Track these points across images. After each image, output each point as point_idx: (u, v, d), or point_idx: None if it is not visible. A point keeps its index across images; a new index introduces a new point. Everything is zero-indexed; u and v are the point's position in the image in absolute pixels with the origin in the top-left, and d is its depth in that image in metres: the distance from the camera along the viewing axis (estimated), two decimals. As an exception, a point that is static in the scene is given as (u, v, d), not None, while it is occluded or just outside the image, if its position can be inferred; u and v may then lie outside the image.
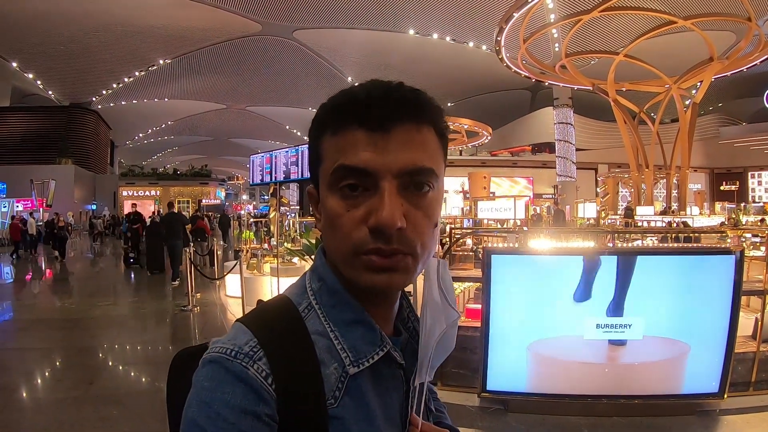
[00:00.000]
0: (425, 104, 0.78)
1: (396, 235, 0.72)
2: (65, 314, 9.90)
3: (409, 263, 0.76)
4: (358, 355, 0.79)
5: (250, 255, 11.51)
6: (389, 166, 0.73)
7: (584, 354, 4.50)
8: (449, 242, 6.62)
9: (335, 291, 0.82)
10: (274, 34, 31.96)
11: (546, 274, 4.63)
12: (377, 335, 0.81)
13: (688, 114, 18.94)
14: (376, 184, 0.73)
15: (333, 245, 0.79)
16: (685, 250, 5.34)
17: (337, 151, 0.75)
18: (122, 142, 54.95)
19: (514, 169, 35.93)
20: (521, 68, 20.90)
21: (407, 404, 0.86)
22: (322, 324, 0.80)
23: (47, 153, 36.47)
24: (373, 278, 0.75)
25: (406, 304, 0.94)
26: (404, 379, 0.86)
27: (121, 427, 4.77)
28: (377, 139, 0.73)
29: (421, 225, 0.76)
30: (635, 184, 22.16)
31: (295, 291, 0.86)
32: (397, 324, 0.91)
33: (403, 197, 0.74)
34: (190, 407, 0.70)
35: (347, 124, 0.75)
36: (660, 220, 15.24)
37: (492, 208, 12.12)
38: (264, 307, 0.84)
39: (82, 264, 20.16)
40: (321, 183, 0.80)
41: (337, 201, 0.76)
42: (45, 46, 31.15)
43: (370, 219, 0.72)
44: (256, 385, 0.70)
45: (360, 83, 0.79)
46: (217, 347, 0.75)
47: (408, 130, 0.75)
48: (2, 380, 5.95)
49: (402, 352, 0.86)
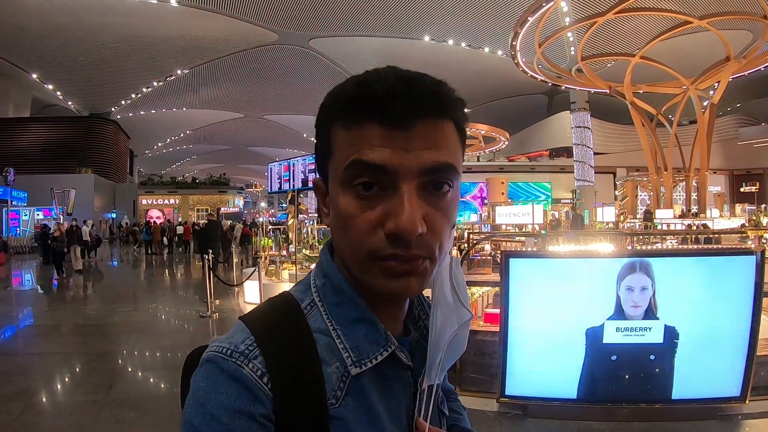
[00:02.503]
0: (447, 97, 0.73)
1: (415, 240, 0.69)
2: (87, 320, 9.99)
3: (427, 267, 0.73)
4: (360, 355, 0.76)
5: (268, 262, 11.58)
6: (409, 165, 0.69)
7: (604, 357, 4.47)
8: (467, 247, 6.62)
9: (340, 288, 0.79)
10: (291, 43, 32.12)
11: (565, 277, 4.61)
12: (381, 335, 0.78)
13: (706, 115, 18.74)
14: (395, 184, 0.69)
15: (345, 246, 0.75)
16: (704, 251, 5.27)
17: (351, 145, 0.70)
18: (141, 151, 55.49)
19: (532, 174, 35.76)
20: (537, 72, 20.82)
21: (415, 407, 0.82)
22: (325, 322, 0.78)
23: (67, 162, 36.90)
24: (390, 283, 0.72)
25: (417, 302, 0.92)
26: (412, 380, 0.83)
27: (138, 430, 4.81)
28: (396, 136, 0.68)
29: (441, 227, 0.72)
30: (654, 187, 21.96)
31: (299, 288, 0.85)
32: (407, 323, 0.88)
33: (422, 198, 0.70)
34: (187, 408, 0.70)
35: (363, 118, 0.70)
36: (680, 223, 15.10)
37: (510, 213, 12.09)
38: (266, 304, 0.82)
39: (105, 271, 20.18)
40: (331, 177, 0.76)
41: (351, 200, 0.71)
42: (64, 58, 31.65)
43: (388, 223, 0.68)
44: (250, 384, 0.69)
45: (373, 71, 0.74)
46: (215, 346, 0.73)
47: (429, 126, 0.70)
48: (30, 383, 6.04)
49: (410, 353, 0.83)
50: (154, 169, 64.56)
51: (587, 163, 31.00)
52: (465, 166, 24.82)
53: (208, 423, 0.66)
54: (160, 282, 16.59)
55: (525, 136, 41.15)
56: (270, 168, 13.93)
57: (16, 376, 6.43)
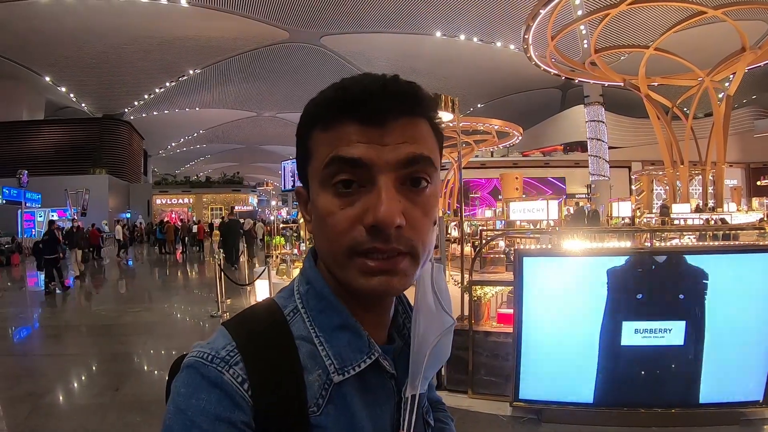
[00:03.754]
0: (421, 97, 0.74)
1: (394, 234, 0.68)
2: (96, 320, 10.04)
3: (407, 265, 0.72)
4: (343, 363, 0.75)
5: (279, 260, 11.50)
6: (386, 158, 0.70)
7: (621, 360, 4.33)
8: (480, 244, 6.49)
9: (322, 295, 0.79)
10: (302, 41, 32.22)
11: (581, 276, 4.46)
12: (365, 342, 0.77)
13: (722, 107, 18.38)
14: (373, 179, 0.70)
15: (325, 246, 0.75)
16: (725, 248, 5.10)
17: (329, 145, 0.71)
18: (155, 151, 55.84)
19: (546, 170, 35.53)
20: (550, 66, 20.57)
21: (399, 416, 0.81)
22: (307, 329, 0.77)
23: (81, 164, 37.17)
24: (369, 282, 0.71)
25: (402, 309, 0.90)
26: (396, 389, 0.82)
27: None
28: (372, 132, 0.70)
29: (420, 223, 0.72)
30: (670, 181, 21.64)
31: (282, 294, 0.84)
32: (392, 331, 0.87)
33: (400, 193, 0.70)
34: (167, 413, 0.69)
35: (340, 118, 0.71)
36: (697, 217, 14.85)
37: (524, 209, 11.92)
38: (249, 310, 0.81)
39: (118, 270, 20.25)
40: (311, 181, 0.76)
41: (330, 198, 0.72)
42: (77, 60, 31.94)
43: (367, 217, 0.68)
44: (231, 390, 0.68)
45: (351, 76, 0.76)
46: (196, 351, 0.72)
47: (404, 123, 0.71)
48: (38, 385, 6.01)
49: (394, 361, 0.82)
50: (168, 168, 65.16)
51: (602, 157, 30.80)
52: (478, 162, 24.54)
53: (188, 429, 0.66)
54: (172, 282, 16.61)
55: (539, 131, 40.90)
56: (283, 166, 13.85)
57: (25, 377, 6.46)
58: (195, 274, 18.50)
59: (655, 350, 4.27)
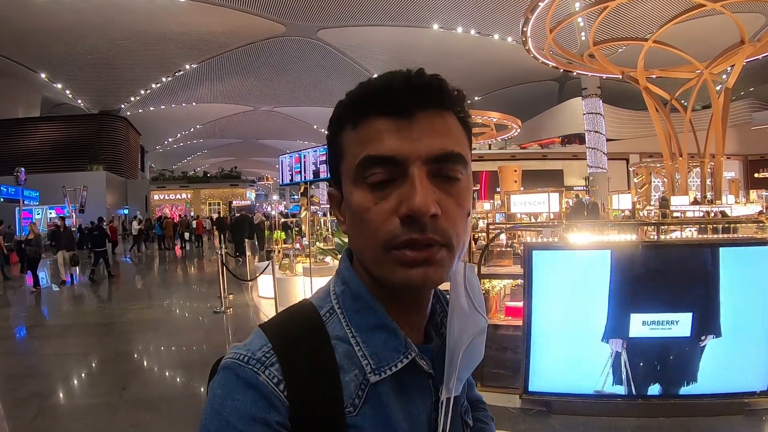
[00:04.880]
0: (447, 90, 0.75)
1: (430, 223, 0.69)
2: (99, 318, 10.04)
3: (444, 255, 0.71)
4: (380, 363, 0.75)
5: (282, 255, 11.52)
6: (417, 151, 0.70)
7: (630, 351, 4.37)
8: (486, 238, 6.52)
9: (359, 295, 0.79)
10: (299, 35, 32.04)
11: (589, 269, 4.50)
12: (401, 342, 0.77)
13: (720, 99, 18.39)
14: (405, 172, 0.70)
15: (361, 243, 0.75)
16: (728, 240, 5.14)
17: (360, 144, 0.73)
18: (152, 147, 55.59)
19: (544, 162, 35.52)
20: (548, 59, 20.54)
21: (437, 416, 0.80)
22: (344, 329, 0.77)
23: (79, 160, 36.93)
24: (407, 274, 0.71)
25: (440, 309, 0.89)
26: (434, 389, 0.81)
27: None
28: (401, 126, 0.71)
29: (455, 214, 0.72)
30: (669, 174, 21.67)
31: (318, 295, 0.84)
32: (429, 330, 0.87)
33: (433, 185, 0.71)
34: (204, 414, 0.70)
35: (368, 114, 0.73)
36: (697, 209, 14.90)
37: (525, 201, 11.93)
38: (285, 311, 0.82)
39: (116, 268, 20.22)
40: (344, 180, 0.77)
41: (364, 194, 0.72)
42: (72, 57, 31.72)
43: (402, 207, 0.69)
44: (266, 391, 0.69)
45: (377, 75, 0.77)
46: (233, 353, 0.73)
47: (431, 116, 0.72)
48: (44, 386, 6.03)
49: (432, 361, 0.81)
50: (165, 164, 64.91)
51: (600, 149, 30.72)
52: (476, 154, 24.42)
53: (224, 429, 0.67)
54: (174, 278, 16.64)
55: (537, 123, 40.80)
56: (281, 160, 13.83)
57: (30, 378, 6.44)
58: (196, 270, 18.53)
59: (662, 341, 4.32)
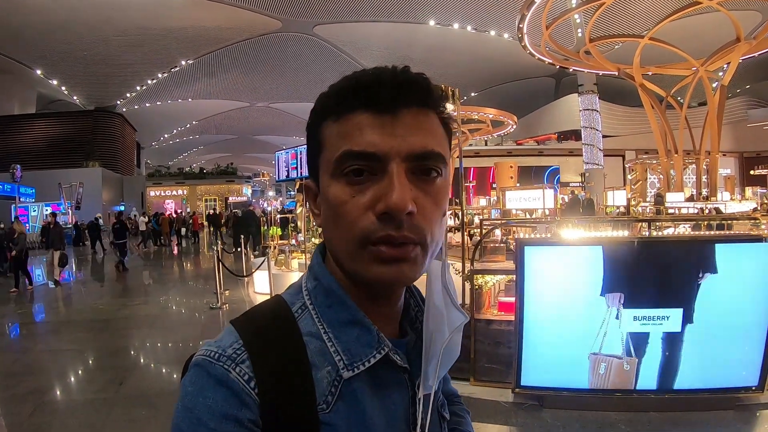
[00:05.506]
0: (431, 89, 0.75)
1: (406, 221, 0.68)
2: (96, 314, 10.02)
3: (418, 253, 0.71)
4: (353, 358, 0.74)
5: (277, 251, 11.53)
6: (398, 148, 0.69)
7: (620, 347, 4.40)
8: (480, 234, 6.53)
9: (330, 291, 0.78)
10: (295, 31, 32.05)
11: (580, 264, 4.53)
12: (374, 336, 0.76)
13: (716, 97, 18.41)
14: (384, 168, 0.69)
15: (336, 237, 0.74)
16: (720, 237, 5.18)
17: (341, 137, 0.72)
18: (148, 143, 55.49)
19: (540, 158, 35.54)
20: (545, 55, 20.51)
21: (414, 410, 0.80)
22: (316, 325, 0.76)
23: (74, 157, 36.89)
24: (381, 270, 0.71)
25: (414, 303, 0.89)
26: (410, 383, 0.81)
27: (150, 428, 4.79)
28: (384, 121, 0.70)
29: (431, 212, 0.72)
30: (664, 170, 21.71)
31: (290, 291, 0.84)
32: (404, 325, 0.87)
33: (411, 182, 0.70)
34: (176, 412, 0.70)
35: (352, 107, 0.72)
36: (692, 206, 14.95)
37: (520, 197, 11.96)
38: (256, 308, 0.81)
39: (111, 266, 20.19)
40: (322, 173, 0.76)
41: (341, 187, 0.71)
42: (68, 53, 31.72)
43: (379, 204, 0.68)
44: (237, 389, 0.68)
45: (362, 69, 0.76)
46: (203, 350, 0.73)
47: (415, 114, 0.72)
48: (40, 382, 6.05)
49: (407, 355, 0.81)
50: (161, 160, 64.78)
51: (596, 146, 30.77)
52: (473, 150, 24.48)
53: (195, 427, 0.67)
54: (170, 274, 16.65)
55: (533, 120, 40.84)
56: (277, 156, 13.79)
57: (27, 375, 6.43)
58: (192, 266, 18.53)
59: (653, 337, 4.36)
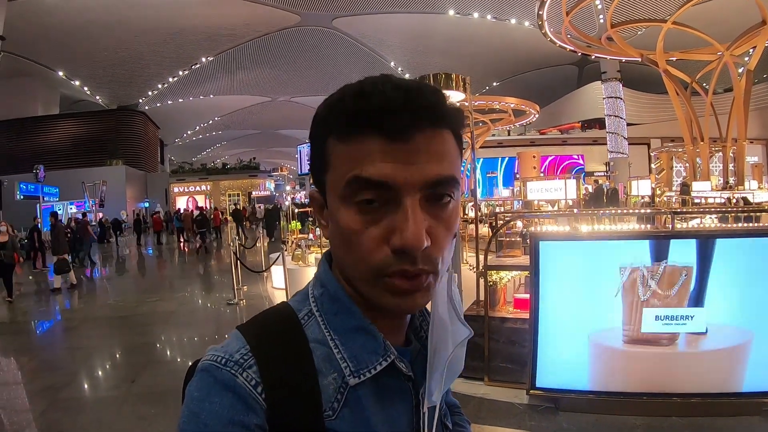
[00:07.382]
0: (446, 108, 0.71)
1: (421, 255, 0.67)
2: (114, 311, 10.09)
3: (431, 281, 0.71)
4: (359, 365, 0.74)
5: (295, 246, 11.45)
6: (413, 179, 0.67)
7: (641, 347, 4.20)
8: (496, 226, 6.37)
9: (337, 298, 0.78)
10: (314, 24, 32.08)
11: (600, 260, 4.33)
12: (380, 344, 0.76)
13: (742, 82, 17.94)
14: (398, 199, 0.67)
15: (349, 262, 0.73)
16: (750, 230, 4.92)
17: (350, 161, 0.68)
18: (171, 140, 56.13)
19: (564, 147, 35.10)
20: (566, 42, 20.22)
21: (417, 419, 0.80)
22: (322, 332, 0.76)
23: (98, 156, 37.53)
24: (396, 302, 0.71)
25: (419, 312, 0.89)
26: (414, 392, 0.80)
27: (159, 426, 4.75)
28: (397, 149, 0.66)
29: (443, 239, 0.71)
30: (690, 159, 21.27)
31: (297, 298, 0.83)
32: (409, 333, 0.86)
33: (424, 210, 0.68)
34: (182, 417, 0.68)
35: (361, 131, 0.67)
36: (718, 195, 14.56)
37: (542, 188, 11.78)
38: (263, 314, 0.81)
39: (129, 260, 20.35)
40: (330, 191, 0.74)
41: (353, 216, 0.69)
42: (89, 54, 32.23)
43: (393, 238, 0.67)
44: (244, 394, 0.68)
45: (369, 80, 0.70)
46: (210, 355, 0.72)
47: (428, 138, 0.68)
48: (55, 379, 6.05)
49: (411, 364, 0.81)
50: (184, 156, 65.54)
51: (620, 134, 30.26)
52: (496, 141, 24.21)
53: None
54: (190, 269, 16.72)
55: (556, 109, 40.31)
56: (299, 149, 13.79)
57: (42, 372, 6.50)
58: (213, 261, 18.58)
59: (674, 338, 4.15)
